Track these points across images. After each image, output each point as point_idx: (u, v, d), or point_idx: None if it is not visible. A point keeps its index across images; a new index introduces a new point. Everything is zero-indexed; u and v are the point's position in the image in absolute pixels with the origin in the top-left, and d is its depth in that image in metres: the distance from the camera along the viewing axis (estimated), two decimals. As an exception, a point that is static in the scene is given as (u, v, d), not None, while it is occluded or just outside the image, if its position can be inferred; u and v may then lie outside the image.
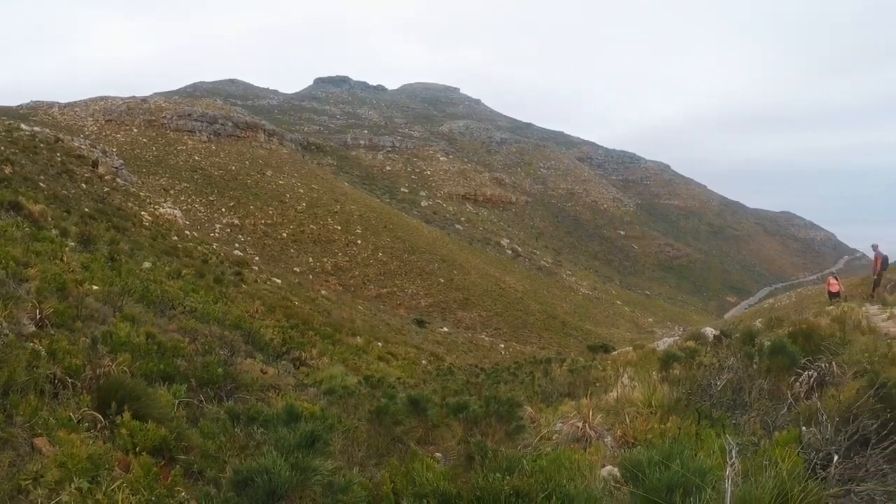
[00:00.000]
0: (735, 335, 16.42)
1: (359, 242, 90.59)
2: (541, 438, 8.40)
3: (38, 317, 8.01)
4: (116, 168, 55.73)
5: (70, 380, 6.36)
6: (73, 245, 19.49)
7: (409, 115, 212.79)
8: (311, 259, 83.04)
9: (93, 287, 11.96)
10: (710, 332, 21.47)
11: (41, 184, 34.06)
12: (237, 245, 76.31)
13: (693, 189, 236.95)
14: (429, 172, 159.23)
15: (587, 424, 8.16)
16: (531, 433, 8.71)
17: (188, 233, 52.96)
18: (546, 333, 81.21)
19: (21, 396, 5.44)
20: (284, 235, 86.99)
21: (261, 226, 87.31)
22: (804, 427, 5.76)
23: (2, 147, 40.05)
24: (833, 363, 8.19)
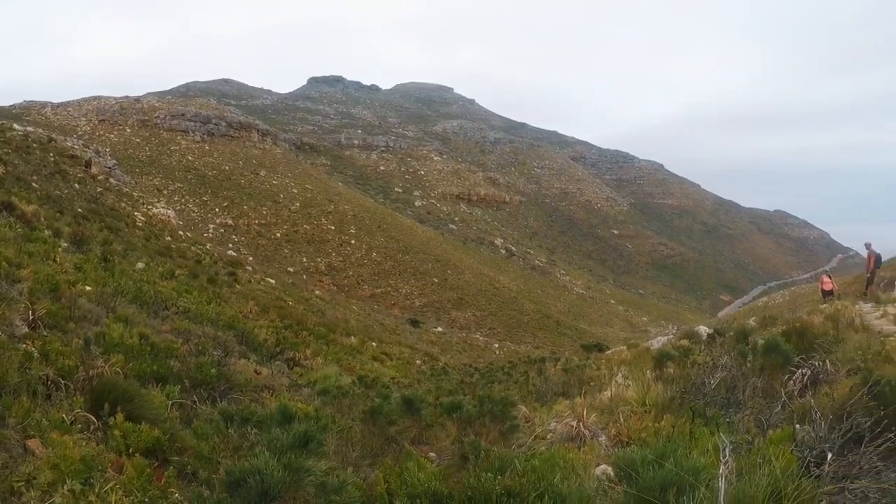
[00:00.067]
0: (729, 334, 16.47)
1: (353, 242, 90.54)
2: (535, 438, 8.39)
3: (31, 318, 7.99)
4: (109, 168, 55.56)
5: (63, 381, 6.34)
6: (66, 246, 19.42)
7: (403, 115, 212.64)
8: (305, 259, 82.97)
9: (86, 288, 11.94)
10: (704, 331, 21.52)
11: (34, 184, 33.95)
12: (231, 245, 76.19)
13: (687, 188, 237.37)
14: (423, 172, 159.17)
15: (581, 423, 8.16)
16: (525, 432, 8.71)
17: (182, 233, 52.82)
18: (540, 333, 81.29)
19: (14, 398, 5.43)
20: (278, 235, 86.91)
21: (254, 226, 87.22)
22: (798, 425, 5.77)
23: (-6, 148, 39.93)
24: (827, 361, 8.20)
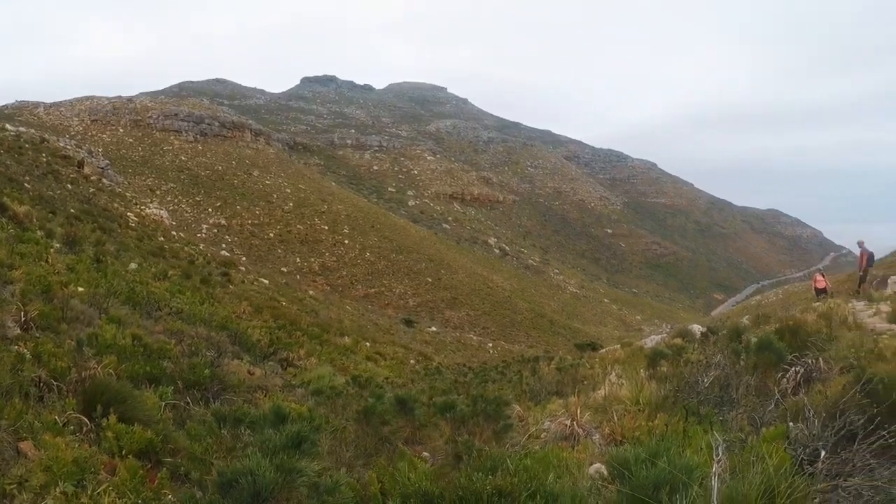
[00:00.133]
0: (722, 332, 16.48)
1: (346, 242, 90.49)
2: (529, 437, 8.40)
3: (23, 319, 7.95)
4: (102, 168, 55.41)
5: (55, 383, 6.31)
6: (59, 246, 19.35)
7: (397, 115, 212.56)
8: (299, 259, 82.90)
9: (78, 289, 11.89)
10: (698, 330, 21.52)
11: (26, 184, 33.83)
12: (224, 245, 76.10)
13: (680, 187, 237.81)
14: (416, 172, 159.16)
15: (575, 422, 8.17)
16: (519, 432, 8.72)
17: (175, 233, 52.72)
18: (534, 332, 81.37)
19: (6, 400, 5.40)
20: (271, 235, 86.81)
21: (248, 226, 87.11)
22: (791, 423, 5.78)
23: (-14, 148, 39.82)
24: (820, 359, 8.21)
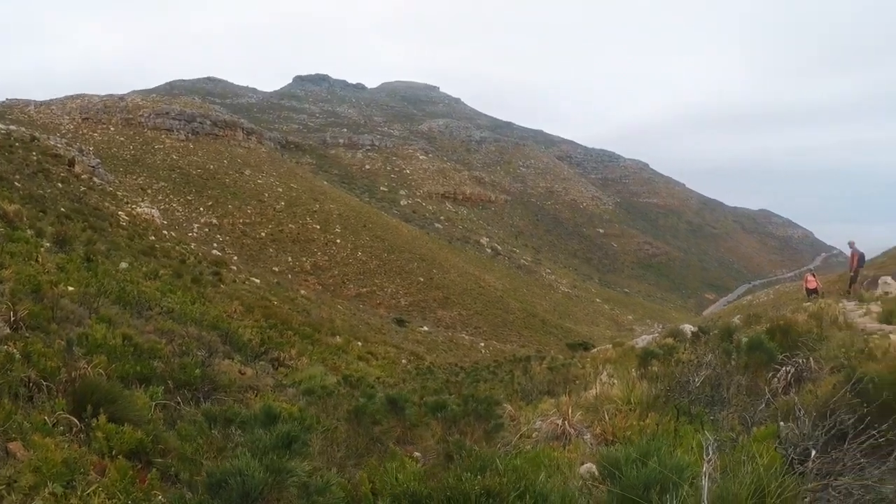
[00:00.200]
0: (713, 332, 16.53)
1: (338, 242, 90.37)
2: (520, 436, 8.40)
3: (13, 319, 7.92)
4: (93, 167, 55.23)
5: (45, 383, 6.29)
6: (49, 245, 19.30)
7: (389, 114, 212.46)
8: (290, 258, 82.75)
9: (68, 288, 11.85)
10: (689, 329, 21.57)
11: (16, 183, 33.72)
12: (215, 245, 75.90)
13: (672, 188, 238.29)
14: (408, 171, 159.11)
15: (566, 422, 8.17)
16: (511, 431, 8.72)
17: (166, 232, 52.61)
18: (526, 332, 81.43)
19: (-6, 400, 5.38)
20: (263, 235, 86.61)
21: (239, 225, 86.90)
22: (782, 422, 5.79)
23: (-24, 147, 39.65)
24: (810, 359, 8.24)
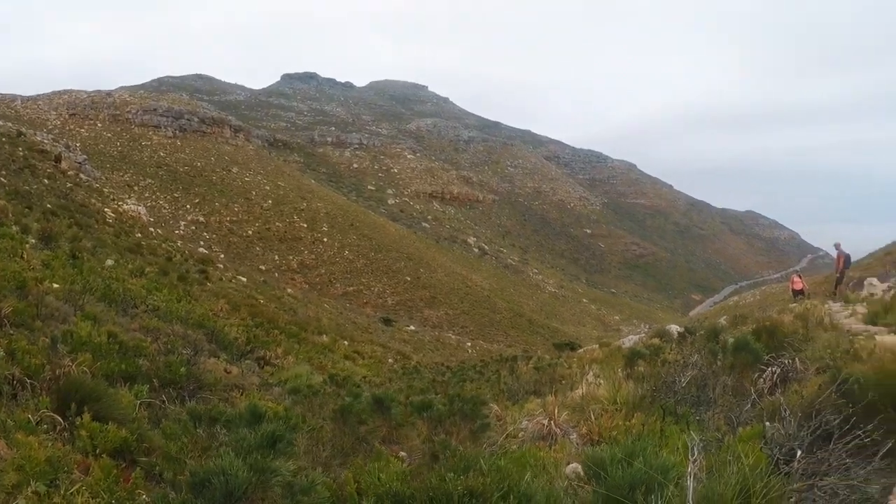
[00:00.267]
0: (700, 332, 16.55)
1: (325, 240, 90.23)
2: (506, 436, 8.40)
3: (-3, 316, 7.87)
4: (80, 163, 54.94)
5: (29, 380, 6.24)
6: (34, 242, 19.20)
7: (377, 113, 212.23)
8: (277, 257, 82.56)
9: (53, 285, 11.78)
10: (675, 330, 21.62)
11: (2, 179, 33.55)
12: (202, 242, 75.65)
13: (659, 188, 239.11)
14: (396, 170, 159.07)
15: (553, 422, 8.18)
16: (497, 431, 8.72)
17: (152, 230, 52.39)
18: (513, 331, 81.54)
19: (-23, 398, 5.34)
20: (250, 233, 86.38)
21: (226, 223, 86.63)
22: (768, 423, 5.80)
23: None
24: (796, 359, 8.25)
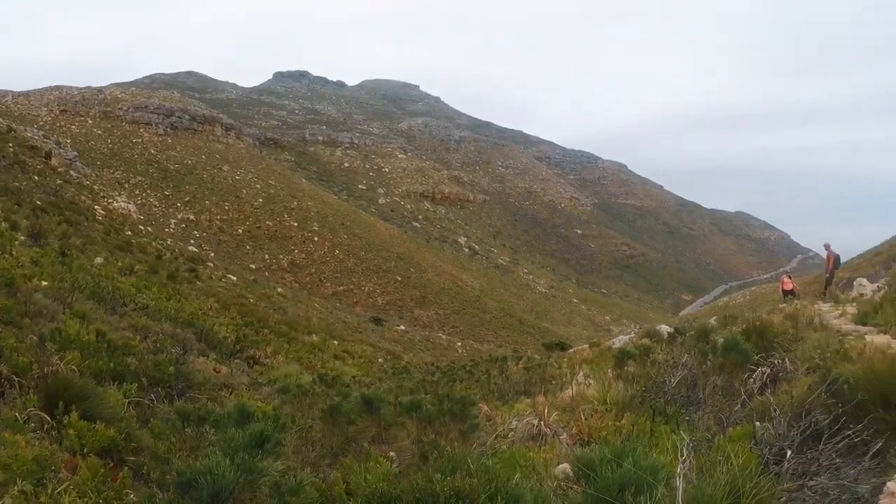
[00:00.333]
0: (690, 333, 16.59)
1: (316, 239, 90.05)
2: (496, 437, 8.39)
3: (-16, 313, 7.83)
4: (70, 160, 54.74)
5: (17, 378, 6.22)
6: (23, 239, 19.15)
7: (368, 112, 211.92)
8: (268, 256, 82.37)
9: (42, 283, 11.75)
10: (665, 330, 21.65)
11: (-9, 176, 33.37)
12: (192, 241, 75.37)
13: (650, 189, 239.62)
14: (387, 170, 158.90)
15: (542, 422, 8.17)
16: (487, 431, 8.70)
17: (142, 228, 52.18)
18: (503, 331, 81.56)
19: (-36, 396, 5.30)
20: (240, 231, 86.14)
21: (217, 221, 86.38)
22: (758, 423, 5.82)
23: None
24: (786, 359, 8.27)
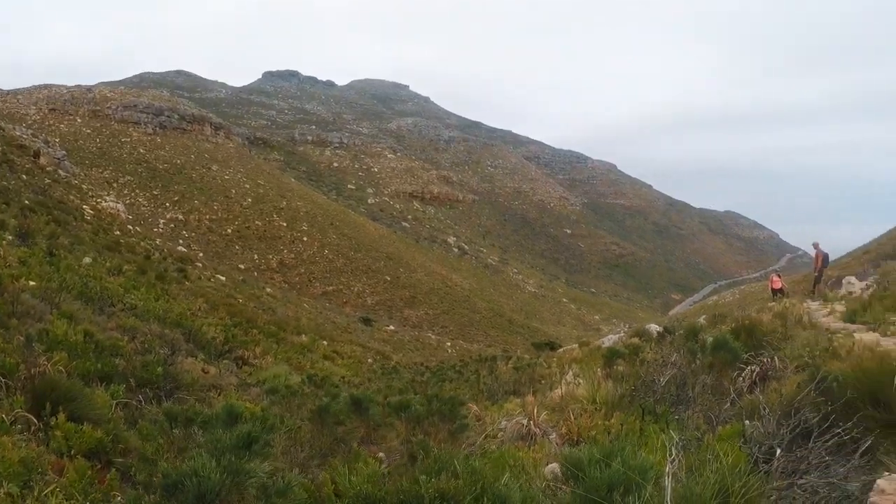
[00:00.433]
0: (679, 331, 16.61)
1: (305, 239, 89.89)
2: (486, 437, 8.38)
3: (-30, 314, 7.78)
4: (59, 159, 54.42)
5: (3, 379, 6.19)
6: (11, 239, 19.06)
7: (358, 112, 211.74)
8: (257, 256, 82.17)
9: (30, 283, 11.68)
10: (655, 329, 21.67)
11: (-22, 175, 33.18)
12: (181, 241, 75.11)
13: (639, 189, 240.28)
14: (376, 169, 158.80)
15: (532, 422, 8.17)
16: (476, 431, 8.70)
17: (131, 227, 51.94)
18: (492, 331, 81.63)
19: (-50, 397, 5.27)
20: (229, 231, 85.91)
21: (205, 221, 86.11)
22: (747, 421, 5.83)
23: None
24: (775, 358, 8.28)
